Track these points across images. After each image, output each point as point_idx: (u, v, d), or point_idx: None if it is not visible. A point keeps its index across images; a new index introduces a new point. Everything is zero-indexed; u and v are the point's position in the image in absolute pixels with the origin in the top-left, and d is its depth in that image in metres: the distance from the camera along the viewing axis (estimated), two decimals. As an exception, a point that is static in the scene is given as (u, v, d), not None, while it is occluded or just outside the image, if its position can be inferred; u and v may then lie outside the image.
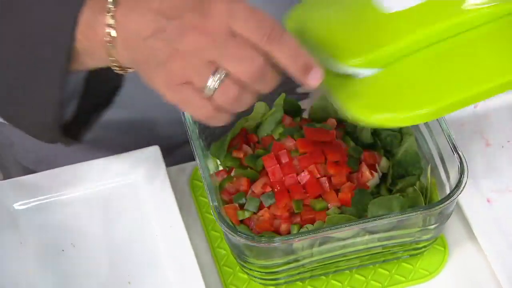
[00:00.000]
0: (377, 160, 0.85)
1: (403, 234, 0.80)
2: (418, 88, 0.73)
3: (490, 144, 0.91)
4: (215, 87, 0.65)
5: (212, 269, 0.84)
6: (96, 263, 0.83)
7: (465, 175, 0.78)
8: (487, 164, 0.89)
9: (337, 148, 0.84)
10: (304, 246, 0.78)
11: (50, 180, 0.87)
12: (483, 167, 0.89)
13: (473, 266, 0.84)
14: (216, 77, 0.65)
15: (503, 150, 0.90)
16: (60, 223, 0.86)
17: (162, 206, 0.86)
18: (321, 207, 0.81)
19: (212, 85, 0.65)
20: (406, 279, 0.83)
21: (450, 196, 0.77)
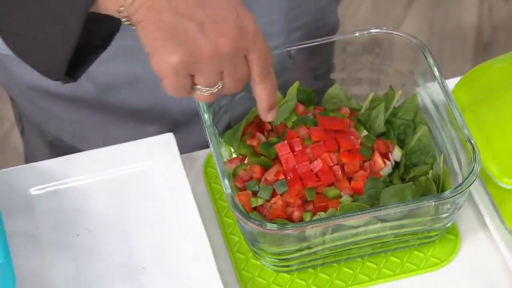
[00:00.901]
0: (390, 149, 0.85)
1: (415, 222, 0.81)
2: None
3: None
4: (206, 92, 0.72)
5: (225, 255, 0.85)
6: (111, 248, 0.84)
7: (478, 164, 0.78)
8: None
9: (350, 136, 0.84)
10: (317, 234, 0.79)
11: (66, 165, 0.88)
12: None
13: (485, 255, 0.84)
14: (215, 87, 0.72)
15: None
16: (76, 208, 0.87)
17: (176, 192, 0.87)
18: (334, 195, 0.81)
19: (207, 89, 0.72)
20: (417, 267, 0.84)
21: (463, 185, 0.78)
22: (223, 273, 0.83)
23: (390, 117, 0.88)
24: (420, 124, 0.86)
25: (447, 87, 0.83)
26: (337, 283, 0.83)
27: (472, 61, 1.80)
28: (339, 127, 0.84)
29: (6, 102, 1.73)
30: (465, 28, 1.86)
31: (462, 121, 0.81)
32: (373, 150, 0.84)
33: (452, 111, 0.82)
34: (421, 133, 0.86)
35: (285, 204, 0.82)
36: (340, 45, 0.89)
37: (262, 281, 0.83)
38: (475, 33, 1.85)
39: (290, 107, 0.87)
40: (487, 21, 1.87)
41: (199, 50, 0.69)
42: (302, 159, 0.82)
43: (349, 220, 0.78)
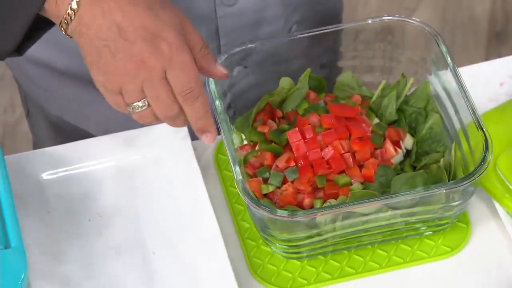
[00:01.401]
0: (402, 137, 0.85)
1: (426, 210, 0.80)
2: None
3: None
4: (137, 110, 0.78)
5: (235, 242, 0.85)
6: (121, 233, 0.85)
7: (490, 152, 0.78)
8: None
9: (362, 124, 0.84)
10: (327, 221, 0.79)
11: (78, 151, 0.89)
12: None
13: (496, 243, 0.84)
14: (141, 103, 0.77)
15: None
16: (87, 193, 0.87)
17: (187, 179, 0.87)
18: (345, 182, 0.81)
19: (136, 106, 0.78)
20: (428, 255, 0.84)
21: (474, 173, 0.77)
22: (233, 260, 0.83)
23: (401, 105, 0.87)
24: (431, 112, 0.86)
25: (460, 75, 0.83)
26: (347, 270, 0.83)
27: (485, 50, 1.79)
28: (350, 115, 0.84)
29: (17, 89, 1.74)
30: (478, 17, 1.85)
31: (474, 109, 0.80)
32: (384, 138, 0.84)
33: (464, 98, 0.81)
34: (432, 121, 0.85)
35: (296, 191, 0.82)
36: (352, 33, 0.88)
37: (272, 268, 0.83)
38: (488, 22, 1.84)
39: (301, 94, 0.87)
40: (500, 9, 1.86)
41: (113, 71, 0.75)
42: (313, 146, 0.82)
43: (360, 207, 0.78)
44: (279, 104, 0.88)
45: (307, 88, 0.87)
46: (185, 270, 0.82)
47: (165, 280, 0.82)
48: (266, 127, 0.86)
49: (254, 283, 0.83)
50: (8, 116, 1.72)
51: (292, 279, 0.83)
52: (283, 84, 0.87)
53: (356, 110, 0.85)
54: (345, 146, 0.82)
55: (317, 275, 0.83)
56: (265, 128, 0.86)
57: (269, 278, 0.83)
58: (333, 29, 0.87)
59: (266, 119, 0.86)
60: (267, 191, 0.82)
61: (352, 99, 0.87)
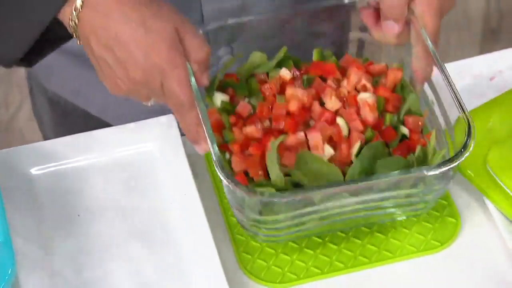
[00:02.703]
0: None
1: (402, 194, 0.79)
2: None
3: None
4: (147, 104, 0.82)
5: (225, 237, 0.85)
6: (110, 228, 0.85)
7: (472, 137, 0.77)
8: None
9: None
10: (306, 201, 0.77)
11: (67, 146, 0.88)
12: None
13: (485, 238, 0.84)
14: (148, 102, 0.81)
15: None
16: (76, 188, 0.87)
17: (177, 174, 0.87)
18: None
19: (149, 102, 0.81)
20: (417, 249, 0.84)
21: (455, 158, 0.76)
22: (223, 255, 0.83)
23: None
24: (408, 92, 0.84)
25: (440, 60, 0.81)
26: (337, 265, 0.83)
27: (480, 48, 1.79)
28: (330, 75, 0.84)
29: (11, 86, 1.74)
30: (472, 14, 1.85)
31: (456, 94, 0.79)
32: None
33: (446, 84, 0.80)
34: (410, 102, 0.84)
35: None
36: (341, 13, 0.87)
37: (261, 263, 0.83)
38: (482, 20, 1.85)
39: (269, 67, 0.86)
40: (494, 7, 1.86)
41: (116, 86, 0.79)
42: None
43: (336, 190, 0.76)
44: (246, 78, 0.86)
45: (274, 63, 0.86)
46: (174, 265, 0.82)
47: (154, 275, 0.82)
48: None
49: (243, 278, 0.83)
50: (1, 113, 1.72)
51: (281, 274, 0.83)
52: (253, 58, 0.86)
53: (333, 67, 0.84)
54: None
55: (307, 270, 0.83)
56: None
57: (258, 273, 0.83)
58: (306, 8, 0.86)
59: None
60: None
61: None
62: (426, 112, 0.84)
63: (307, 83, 0.85)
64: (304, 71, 0.86)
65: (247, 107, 0.83)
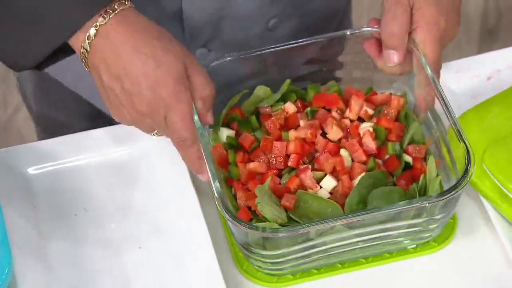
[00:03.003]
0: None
1: (405, 225, 0.79)
2: None
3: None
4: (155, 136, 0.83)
5: (222, 237, 0.85)
6: (107, 227, 0.85)
7: (472, 165, 0.77)
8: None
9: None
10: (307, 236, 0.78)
11: (64, 146, 0.89)
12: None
13: (482, 238, 0.84)
14: (153, 133, 0.82)
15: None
16: (73, 188, 0.87)
17: (174, 173, 0.87)
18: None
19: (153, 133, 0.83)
20: (415, 250, 0.84)
21: (457, 186, 0.76)
22: (220, 254, 0.83)
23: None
24: (411, 121, 0.85)
25: (441, 88, 0.82)
26: (334, 265, 0.83)
27: (478, 47, 1.80)
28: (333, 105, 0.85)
29: (10, 86, 1.74)
30: (470, 14, 1.85)
31: (455, 120, 0.79)
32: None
33: (445, 111, 0.80)
34: (413, 130, 0.84)
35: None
36: (330, 43, 0.87)
37: (258, 262, 0.83)
38: (480, 19, 1.85)
39: (274, 99, 0.87)
40: (492, 6, 1.86)
41: (121, 115, 0.80)
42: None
43: (336, 223, 0.76)
44: (251, 112, 0.87)
45: (278, 96, 0.87)
46: (171, 264, 0.82)
47: (151, 274, 0.82)
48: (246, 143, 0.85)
49: (240, 278, 0.83)
50: (0, 114, 1.72)
51: (278, 274, 0.83)
52: (257, 92, 0.87)
53: (336, 97, 0.85)
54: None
55: (303, 270, 0.82)
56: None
57: (255, 273, 0.83)
58: (307, 42, 0.86)
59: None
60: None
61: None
62: (429, 141, 0.84)
63: (311, 115, 0.85)
64: (308, 103, 0.87)
65: (250, 139, 0.84)
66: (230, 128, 0.87)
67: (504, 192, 0.82)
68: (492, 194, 0.83)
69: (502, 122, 0.85)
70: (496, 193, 0.82)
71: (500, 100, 0.88)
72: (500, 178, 0.82)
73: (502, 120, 0.85)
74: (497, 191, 0.82)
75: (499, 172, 0.82)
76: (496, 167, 0.82)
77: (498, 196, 0.82)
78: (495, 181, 0.82)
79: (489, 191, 0.83)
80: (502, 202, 0.82)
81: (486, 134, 0.85)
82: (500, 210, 0.83)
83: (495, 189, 0.82)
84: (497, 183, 0.82)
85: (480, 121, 0.86)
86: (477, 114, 0.86)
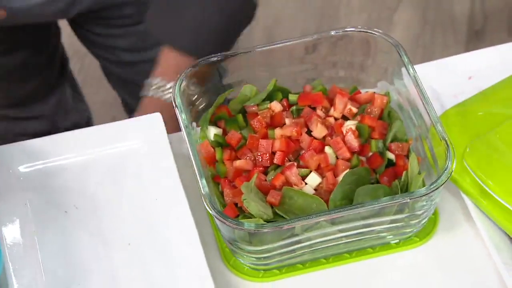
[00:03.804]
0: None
1: (388, 220, 0.81)
2: None
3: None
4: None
5: (209, 232, 0.86)
6: (97, 224, 0.86)
7: (452, 162, 0.78)
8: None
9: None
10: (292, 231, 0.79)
11: (55, 144, 0.90)
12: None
13: (463, 233, 0.86)
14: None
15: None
16: (64, 186, 0.88)
17: (162, 171, 0.88)
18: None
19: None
20: (397, 244, 0.85)
21: (437, 183, 0.77)
22: (207, 250, 0.84)
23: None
24: (394, 119, 0.87)
25: (422, 86, 0.83)
26: (319, 260, 0.84)
27: (465, 49, 1.81)
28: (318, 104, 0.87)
29: None
30: (457, 16, 1.87)
31: (436, 118, 0.81)
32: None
33: (427, 109, 0.82)
34: (396, 129, 0.86)
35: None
36: (313, 44, 0.89)
37: (245, 258, 0.85)
38: (467, 21, 1.86)
39: (260, 98, 0.89)
40: (479, 9, 1.88)
41: None
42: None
43: (321, 219, 0.78)
44: (238, 111, 0.89)
45: (265, 94, 0.89)
46: (159, 260, 0.84)
47: (139, 270, 0.83)
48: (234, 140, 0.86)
49: (227, 272, 0.84)
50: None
51: (264, 269, 0.84)
52: (244, 91, 0.89)
53: (322, 97, 0.87)
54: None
55: (289, 265, 0.84)
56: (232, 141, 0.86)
57: (241, 268, 0.84)
58: (293, 42, 0.88)
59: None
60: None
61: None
62: (411, 138, 0.86)
63: (296, 113, 0.87)
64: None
65: (236, 137, 0.86)
66: (217, 127, 0.88)
67: (484, 188, 0.83)
68: (472, 191, 0.84)
69: (482, 120, 0.87)
70: (476, 189, 0.84)
71: (480, 98, 0.90)
72: (480, 175, 0.84)
73: (482, 118, 0.87)
74: (478, 187, 0.84)
75: (479, 169, 0.84)
76: (476, 164, 0.84)
77: (478, 193, 0.84)
78: (475, 178, 0.84)
79: (469, 187, 0.85)
80: (482, 199, 0.84)
81: (467, 132, 0.87)
82: (480, 206, 0.84)
83: (476, 186, 0.84)
84: (477, 180, 0.84)
85: (461, 119, 0.87)
86: (458, 113, 0.88)
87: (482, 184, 0.83)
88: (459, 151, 0.84)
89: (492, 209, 0.83)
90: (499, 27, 1.85)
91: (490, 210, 0.83)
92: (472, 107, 0.88)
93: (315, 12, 1.89)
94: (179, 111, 0.84)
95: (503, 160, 0.83)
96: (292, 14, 1.89)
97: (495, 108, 0.88)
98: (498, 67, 0.93)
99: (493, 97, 0.89)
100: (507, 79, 0.91)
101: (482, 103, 0.89)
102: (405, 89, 0.86)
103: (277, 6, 1.91)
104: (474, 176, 0.84)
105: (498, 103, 0.88)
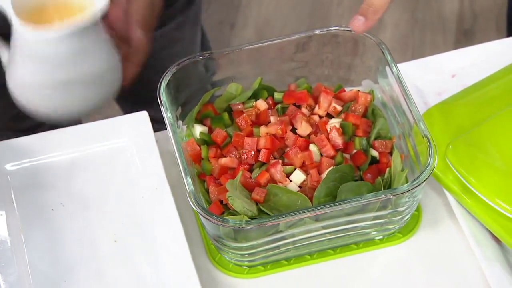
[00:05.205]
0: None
1: (372, 217, 0.82)
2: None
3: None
4: None
5: (194, 230, 0.87)
6: (84, 222, 0.86)
7: (434, 159, 0.79)
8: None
9: None
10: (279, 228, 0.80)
11: (41, 142, 0.90)
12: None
13: (445, 230, 0.87)
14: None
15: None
16: (50, 184, 0.89)
17: (149, 168, 0.89)
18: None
19: None
20: (380, 241, 0.86)
21: (419, 179, 0.78)
22: (193, 247, 0.85)
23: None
24: (377, 117, 0.88)
25: (405, 84, 0.84)
26: (303, 256, 0.85)
27: (454, 48, 1.82)
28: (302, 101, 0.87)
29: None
30: (446, 15, 1.88)
31: (419, 116, 0.82)
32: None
33: (410, 107, 0.83)
34: (379, 126, 0.87)
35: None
36: (299, 42, 0.89)
37: (230, 255, 0.85)
38: (456, 21, 1.87)
39: (246, 97, 0.90)
40: (468, 8, 1.89)
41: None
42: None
43: (305, 215, 0.78)
44: (224, 109, 0.90)
45: (251, 93, 0.89)
46: (145, 257, 0.84)
47: (126, 267, 0.84)
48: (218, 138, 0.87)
49: (212, 269, 0.85)
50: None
51: (249, 266, 0.85)
52: (230, 89, 0.90)
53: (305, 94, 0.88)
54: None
55: (274, 261, 0.85)
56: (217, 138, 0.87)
57: (227, 264, 0.85)
58: (278, 40, 0.89)
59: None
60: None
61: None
62: (395, 136, 0.86)
63: (281, 111, 0.88)
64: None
65: (222, 135, 0.87)
66: (203, 125, 0.89)
67: (466, 185, 0.84)
68: (455, 188, 0.85)
69: (465, 118, 0.88)
70: (458, 186, 0.85)
71: (463, 96, 0.90)
72: (462, 172, 0.84)
73: (465, 116, 0.88)
74: (460, 184, 0.85)
75: (462, 166, 0.84)
76: (458, 161, 0.85)
77: (460, 190, 0.85)
78: (457, 175, 0.85)
79: (452, 184, 0.85)
80: (465, 195, 0.84)
81: (450, 129, 0.87)
82: (462, 203, 0.85)
83: (458, 183, 0.85)
84: (459, 177, 0.84)
85: (444, 117, 0.88)
86: (441, 110, 0.89)
87: (464, 181, 0.84)
88: (442, 149, 0.85)
89: (474, 206, 0.83)
90: (488, 27, 1.85)
91: (472, 206, 0.84)
92: (455, 105, 0.89)
93: (306, 13, 1.90)
94: (164, 109, 0.84)
95: (485, 157, 0.84)
96: (284, 14, 1.90)
97: (478, 106, 0.88)
98: (481, 65, 0.94)
99: (476, 95, 0.90)
100: (490, 76, 0.92)
101: (465, 100, 0.90)
102: (389, 88, 0.87)
103: (269, 6, 1.91)
104: (457, 173, 0.85)
105: (481, 101, 0.89)
